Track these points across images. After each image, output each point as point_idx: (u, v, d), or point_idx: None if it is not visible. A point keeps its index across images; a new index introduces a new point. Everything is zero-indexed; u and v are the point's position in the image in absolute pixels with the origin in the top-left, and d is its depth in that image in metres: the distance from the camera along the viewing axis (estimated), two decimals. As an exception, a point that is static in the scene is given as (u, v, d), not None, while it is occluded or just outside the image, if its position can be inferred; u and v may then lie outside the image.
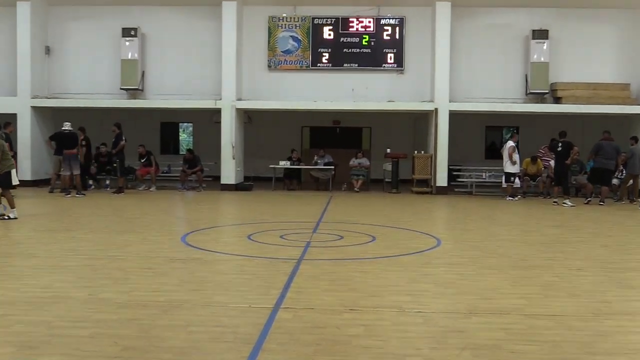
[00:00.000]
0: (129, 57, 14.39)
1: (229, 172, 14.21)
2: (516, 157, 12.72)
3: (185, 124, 19.10)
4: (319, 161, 14.75)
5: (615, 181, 12.55)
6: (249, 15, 14.68)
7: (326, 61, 14.64)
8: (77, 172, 12.09)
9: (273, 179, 14.52)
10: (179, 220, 9.02)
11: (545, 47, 14.08)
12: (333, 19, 14.62)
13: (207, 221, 8.59)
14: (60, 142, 12.33)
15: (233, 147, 14.16)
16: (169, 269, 5.11)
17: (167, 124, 18.26)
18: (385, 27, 14.59)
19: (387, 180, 14.73)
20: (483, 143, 18.14)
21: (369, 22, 14.60)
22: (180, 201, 12.11)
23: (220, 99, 14.27)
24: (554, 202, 11.81)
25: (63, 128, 12.38)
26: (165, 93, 14.70)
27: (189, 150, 15.47)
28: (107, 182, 13.73)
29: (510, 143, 12.85)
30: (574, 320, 3.77)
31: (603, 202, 11.65)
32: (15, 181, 8.35)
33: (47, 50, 14.92)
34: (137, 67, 14.46)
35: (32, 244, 6.37)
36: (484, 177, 14.41)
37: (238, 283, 4.65)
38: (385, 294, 4.36)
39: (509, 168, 12.69)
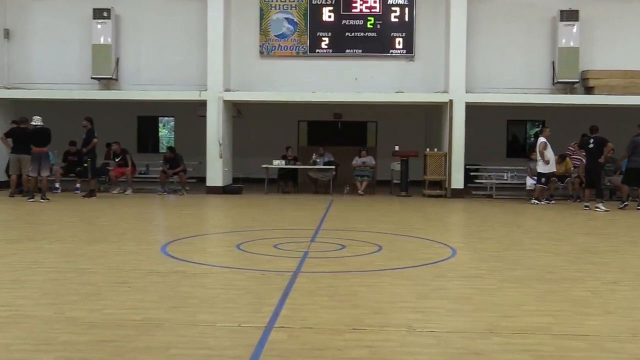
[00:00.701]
0: (101, 41, 14.38)
1: (216, 173, 14.22)
2: (549, 154, 12.67)
3: (165, 118, 19.14)
4: (317, 160, 14.78)
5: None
6: (238, -6, 14.73)
7: (326, 47, 14.66)
8: (45, 173, 12.08)
9: (266, 180, 14.54)
10: (158, 228, 9.02)
11: (575, 30, 14.08)
12: (334, -1, 14.65)
13: (190, 229, 8.59)
14: (23, 139, 12.31)
15: (220, 144, 14.17)
16: (147, 284, 5.10)
17: (145, 118, 18.29)
18: (393, 8, 14.61)
19: (395, 181, 14.76)
20: (504, 139, 18.19)
21: (375, 2, 14.62)
22: (160, 206, 12.10)
23: (206, 90, 14.29)
24: (585, 206, 11.82)
25: (33, 123, 12.30)
26: (143, 83, 14.71)
27: (169, 148, 15.49)
28: (77, 184, 13.72)
29: (541, 139, 12.84)
30: (608, 341, 3.76)
31: (641, 206, 11.67)
32: None
33: (7, 33, 14.91)
34: (111, 53, 14.46)
35: (-10, 255, 6.36)
36: (505, 177, 14.45)
37: (226, 299, 4.65)
38: (392, 311, 4.35)
39: (541, 167, 12.66)
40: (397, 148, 14.59)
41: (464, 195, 13.99)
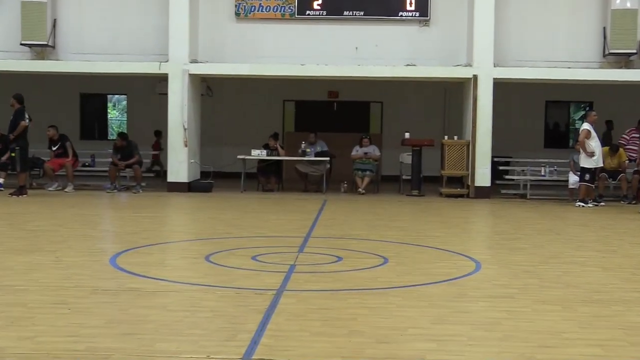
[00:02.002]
0: (34, -2, 14.27)
1: (180, 166, 14.21)
2: (593, 145, 12.63)
3: (115, 96, 19.10)
4: (308, 150, 14.78)
5: None
6: (207, -60, 14.70)
7: (319, 7, 14.65)
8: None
9: (242, 175, 14.54)
10: (107, 235, 9.00)
11: (631, -12, 14.12)
12: (329, -53, 14.65)
13: (147, 235, 8.58)
14: None
15: (185, 129, 14.16)
16: (92, 304, 5.09)
17: (89, 96, 18.23)
18: (404, -41, 14.62)
19: (405, 177, 14.81)
20: (542, 125, 18.28)
21: (381, -49, 14.64)
22: (109, 207, 12.07)
23: (167, 61, 14.24)
24: (643, 209, 11.91)
25: None
26: (87, 52, 14.64)
27: (121, 134, 15.42)
28: (1, 179, 13.61)
29: (585, 125, 12.87)
30: (669, 377, 3.79)
31: None
32: None
33: None
34: (46, 13, 14.35)
35: None
36: (542, 173, 14.48)
37: (191, 324, 4.65)
38: (401, 339, 4.36)
39: (584, 161, 12.65)
40: (407, 135, 14.62)
41: (490, 195, 14.05)
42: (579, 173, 12.94)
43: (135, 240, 8.08)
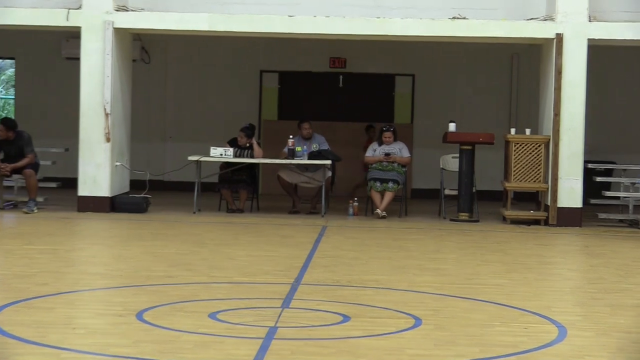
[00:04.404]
0: None
1: (97, 172, 14.14)
2: None
3: (-1, 62, 19.01)
4: (299, 149, 14.72)
5: None
6: None
7: None
8: None
9: (196, 187, 14.48)
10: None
11: None
12: None
13: (45, 280, 8.53)
14: None
15: (107, 114, 14.10)
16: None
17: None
18: None
19: (448, 192, 14.79)
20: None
21: None
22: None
23: (79, 8, 14.21)
24: None
25: None
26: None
27: (5, 120, 15.37)
28: None
29: None
30: None
31: None
32: None
33: None
34: None
35: None
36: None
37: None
38: None
39: None
40: (452, 127, 14.60)
41: (582, 221, 14.02)
42: None
43: (27, 287, 8.03)
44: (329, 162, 14.59)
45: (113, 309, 7.51)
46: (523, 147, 14.15)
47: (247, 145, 14.67)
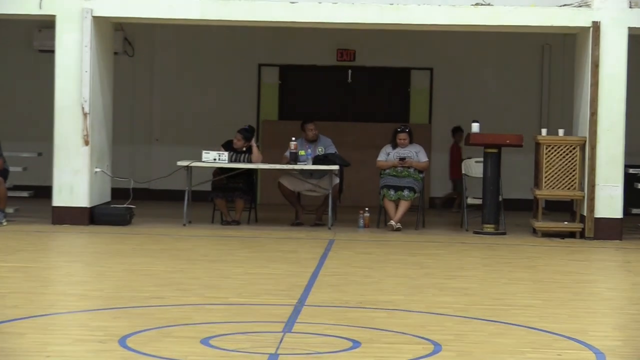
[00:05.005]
0: None
1: (74, 180, 14.14)
2: None
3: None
4: (302, 153, 14.74)
5: None
6: None
7: None
8: None
9: (187, 195, 14.50)
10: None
11: None
12: None
13: (16, 302, 8.59)
14: None
15: (86, 115, 14.10)
16: None
17: None
18: None
19: (471, 201, 14.81)
20: None
21: None
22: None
23: (55, -5, 14.25)
24: None
25: None
26: None
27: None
28: None
29: None
30: None
31: None
32: None
33: None
34: None
35: None
36: None
37: None
38: None
39: None
40: (476, 128, 14.60)
41: (622, 233, 13.99)
42: None
43: (-4, 309, 8.02)
44: (336, 167, 14.60)
45: (93, 335, 7.50)
46: (555, 150, 14.15)
47: (244, 148, 14.65)
